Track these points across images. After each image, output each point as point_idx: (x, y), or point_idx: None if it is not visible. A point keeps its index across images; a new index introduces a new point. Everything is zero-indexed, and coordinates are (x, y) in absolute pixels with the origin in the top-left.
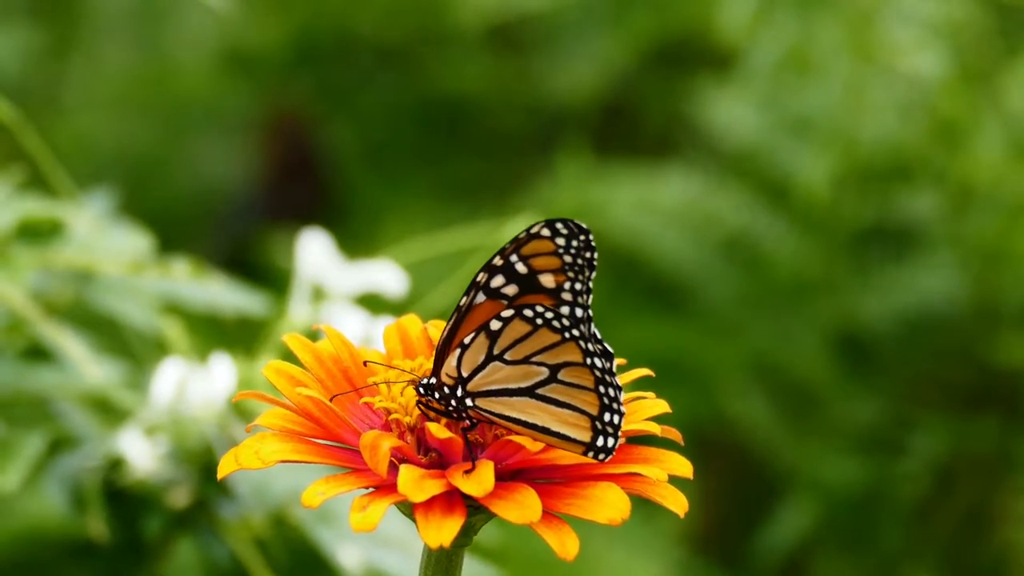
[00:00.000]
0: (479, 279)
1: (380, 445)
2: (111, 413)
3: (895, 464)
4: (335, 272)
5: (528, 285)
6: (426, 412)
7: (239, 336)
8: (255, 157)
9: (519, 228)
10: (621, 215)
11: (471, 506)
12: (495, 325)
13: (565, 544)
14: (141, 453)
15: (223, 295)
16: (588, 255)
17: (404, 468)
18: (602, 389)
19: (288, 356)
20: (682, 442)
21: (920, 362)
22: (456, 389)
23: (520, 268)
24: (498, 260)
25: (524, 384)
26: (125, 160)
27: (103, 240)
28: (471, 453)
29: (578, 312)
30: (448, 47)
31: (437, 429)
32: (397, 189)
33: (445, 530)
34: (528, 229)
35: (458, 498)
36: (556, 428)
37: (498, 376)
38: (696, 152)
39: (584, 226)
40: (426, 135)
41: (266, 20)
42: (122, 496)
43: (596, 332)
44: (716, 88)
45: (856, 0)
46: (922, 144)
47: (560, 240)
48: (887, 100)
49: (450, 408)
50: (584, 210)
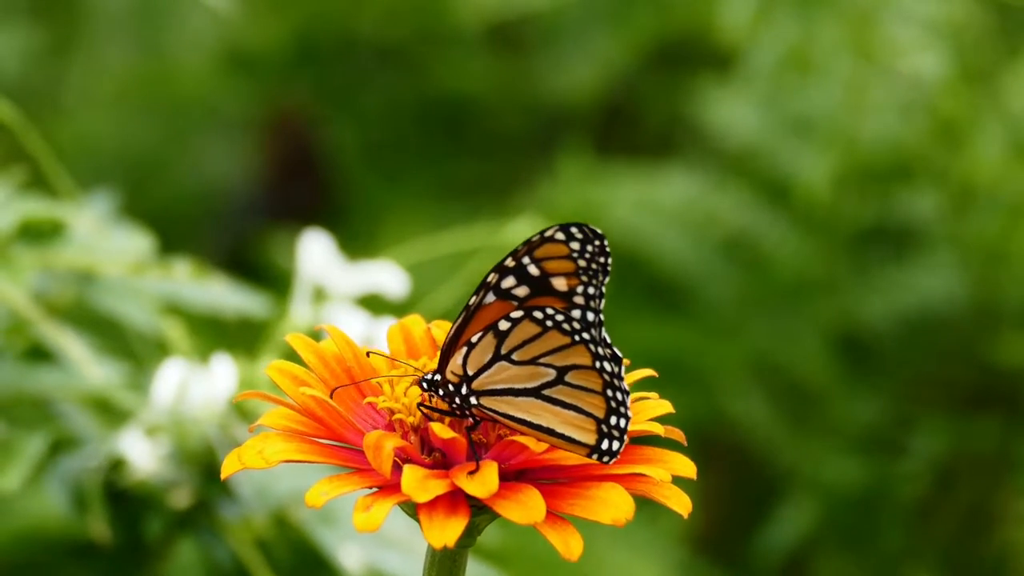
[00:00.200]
0: (490, 279)
1: (384, 445)
2: (112, 414)
3: (895, 464)
4: (336, 273)
5: (540, 287)
6: (428, 414)
7: (240, 337)
8: (255, 157)
9: (520, 230)
10: (621, 215)
11: (475, 506)
12: (504, 325)
13: (569, 544)
14: (142, 454)
15: (224, 296)
16: (602, 260)
17: (408, 468)
18: (609, 393)
19: (290, 357)
20: (685, 443)
21: (920, 362)
22: (461, 387)
23: (532, 270)
24: (510, 262)
25: (530, 385)
26: (125, 160)
27: (104, 241)
28: (475, 453)
29: (589, 316)
30: (448, 47)
31: (441, 429)
32: (397, 189)
33: (449, 530)
34: (542, 232)
35: (462, 498)
36: (561, 430)
37: (504, 376)
38: (697, 152)
39: (599, 231)
40: (426, 135)
41: (266, 20)
42: (123, 497)
43: (606, 337)
44: (717, 88)
45: (856, 0)
46: (922, 144)
47: (574, 244)
48: (888, 100)
49: (454, 405)
50: (584, 210)
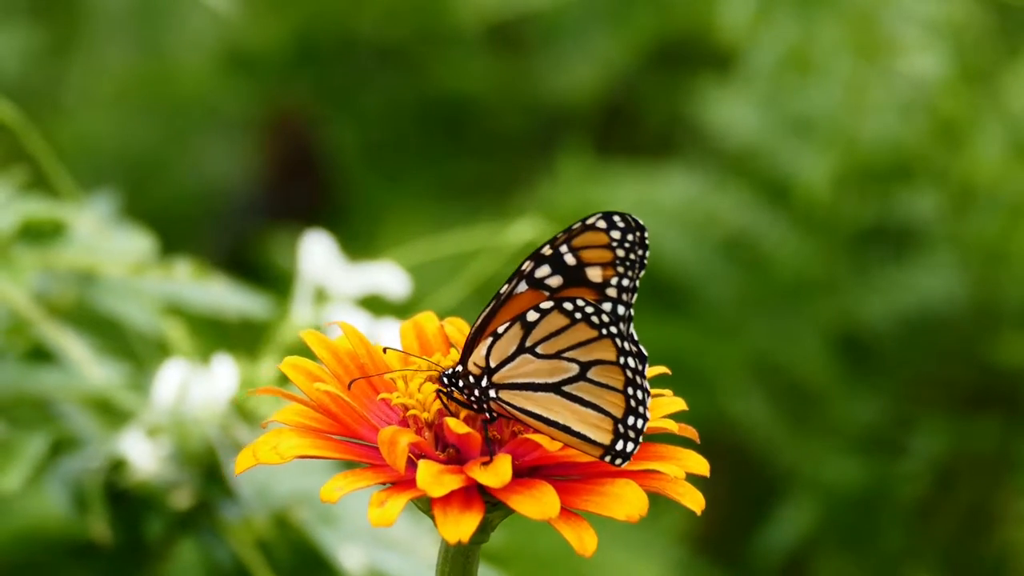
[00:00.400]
0: (524, 268)
1: (398, 441)
2: (113, 414)
3: (895, 464)
4: (337, 274)
5: (573, 277)
6: (446, 403)
7: (241, 337)
8: (255, 157)
9: (522, 231)
10: None
11: (489, 502)
12: (532, 316)
13: (583, 540)
14: (143, 454)
15: (225, 297)
16: (640, 252)
17: (423, 463)
18: (630, 391)
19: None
20: (699, 440)
21: (920, 362)
22: (481, 379)
23: (569, 259)
24: (547, 250)
25: (551, 380)
26: (125, 160)
27: (105, 241)
28: (489, 449)
29: (620, 310)
30: (448, 47)
31: (456, 424)
32: (397, 189)
33: (463, 525)
34: (583, 220)
35: (476, 494)
36: (577, 428)
37: (526, 369)
38: (697, 152)
39: (641, 222)
40: (426, 135)
41: (266, 20)
42: (124, 497)
43: (634, 333)
44: (717, 88)
45: (856, 0)
46: (922, 144)
47: (615, 233)
48: (888, 100)
49: (472, 399)
50: (584, 210)
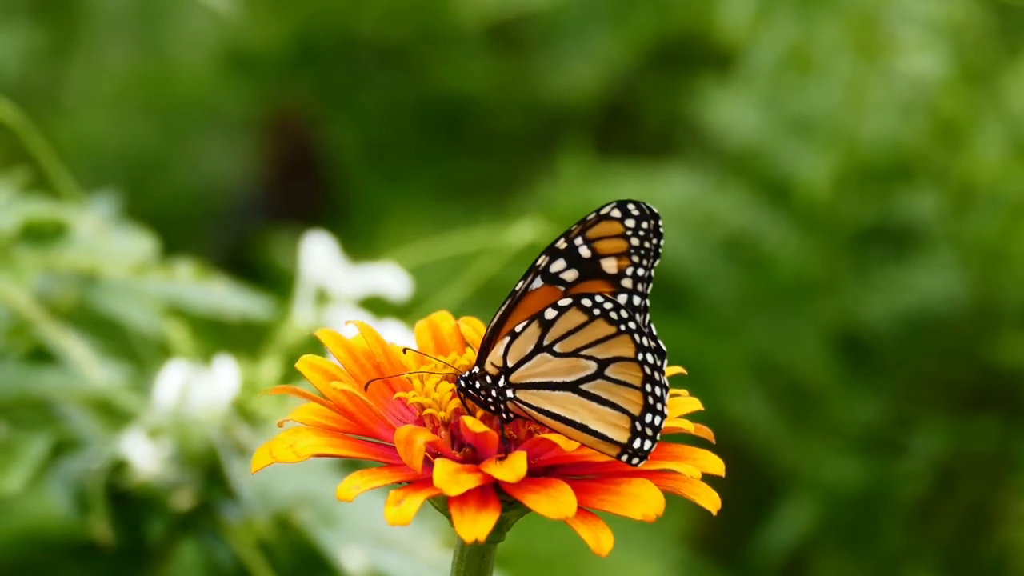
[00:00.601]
0: (539, 263)
1: (415, 440)
2: (115, 416)
3: (895, 464)
4: (339, 275)
5: (589, 270)
6: (465, 402)
7: (242, 339)
8: (256, 157)
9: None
10: None
11: (505, 501)
12: (550, 314)
13: (600, 539)
14: (145, 455)
15: (227, 298)
16: (655, 241)
17: (439, 462)
18: (648, 388)
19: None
20: (714, 440)
21: (921, 362)
22: (498, 380)
23: (584, 252)
24: (562, 243)
25: (569, 378)
26: (126, 160)
27: (107, 242)
28: (506, 448)
29: (636, 300)
30: (448, 47)
31: (472, 423)
32: (397, 189)
33: (480, 524)
34: (598, 210)
35: (492, 493)
36: (594, 426)
37: (544, 368)
38: (697, 152)
39: (655, 210)
40: (426, 135)
41: (266, 20)
42: (125, 498)
43: (651, 326)
44: (717, 88)
45: (856, 0)
46: (923, 144)
47: (630, 222)
48: (888, 100)
49: (488, 400)
50: (584, 210)
